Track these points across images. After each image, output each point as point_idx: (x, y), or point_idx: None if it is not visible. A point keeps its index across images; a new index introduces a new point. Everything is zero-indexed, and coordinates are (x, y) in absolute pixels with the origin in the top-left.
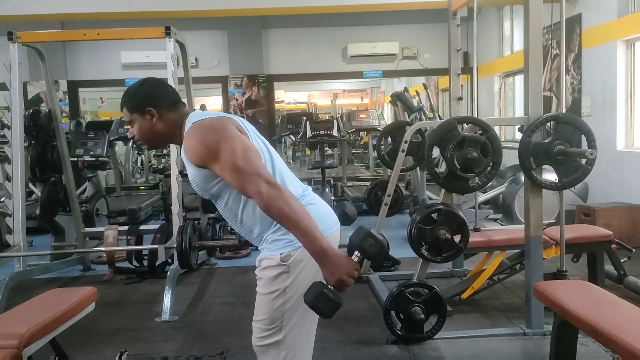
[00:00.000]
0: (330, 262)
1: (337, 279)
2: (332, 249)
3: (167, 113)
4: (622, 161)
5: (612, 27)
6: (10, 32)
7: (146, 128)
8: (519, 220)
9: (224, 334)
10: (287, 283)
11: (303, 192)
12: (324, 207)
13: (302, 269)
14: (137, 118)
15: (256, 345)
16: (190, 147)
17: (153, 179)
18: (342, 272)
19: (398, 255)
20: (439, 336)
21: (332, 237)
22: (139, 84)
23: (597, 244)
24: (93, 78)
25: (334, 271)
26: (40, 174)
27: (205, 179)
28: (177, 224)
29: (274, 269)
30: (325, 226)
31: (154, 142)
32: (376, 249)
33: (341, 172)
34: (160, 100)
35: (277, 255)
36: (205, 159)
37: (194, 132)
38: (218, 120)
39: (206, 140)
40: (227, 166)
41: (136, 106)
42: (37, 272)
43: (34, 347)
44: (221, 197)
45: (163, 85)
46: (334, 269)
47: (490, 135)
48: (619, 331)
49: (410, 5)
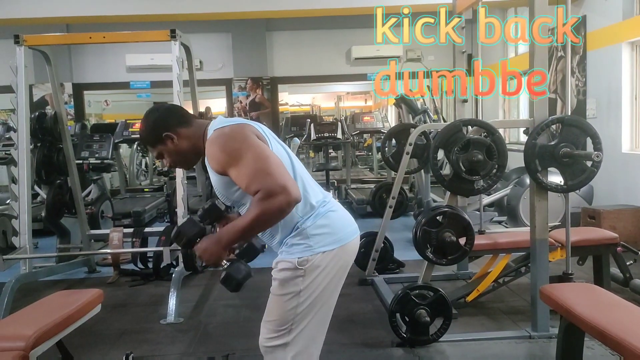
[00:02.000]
0: (213, 244)
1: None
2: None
3: (183, 130)
4: (627, 163)
5: (617, 29)
6: (16, 35)
7: (174, 152)
8: (523, 222)
9: (229, 336)
10: (302, 287)
11: (324, 199)
12: (345, 214)
13: (318, 274)
14: (162, 148)
15: (263, 346)
16: (211, 154)
17: (158, 181)
18: (209, 255)
19: (403, 258)
20: (444, 339)
21: (352, 244)
22: (144, 121)
23: (603, 247)
24: (98, 81)
25: (207, 248)
26: (46, 177)
27: (226, 186)
28: None
29: (290, 272)
30: (344, 234)
31: (186, 161)
32: (240, 276)
33: (345, 175)
34: (170, 123)
35: (295, 258)
36: (226, 166)
37: (216, 140)
38: (239, 127)
39: (227, 147)
40: (245, 173)
41: (154, 138)
42: (43, 274)
43: (41, 349)
44: (243, 204)
45: (165, 109)
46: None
47: (495, 137)
48: (625, 334)
49: (415, 7)
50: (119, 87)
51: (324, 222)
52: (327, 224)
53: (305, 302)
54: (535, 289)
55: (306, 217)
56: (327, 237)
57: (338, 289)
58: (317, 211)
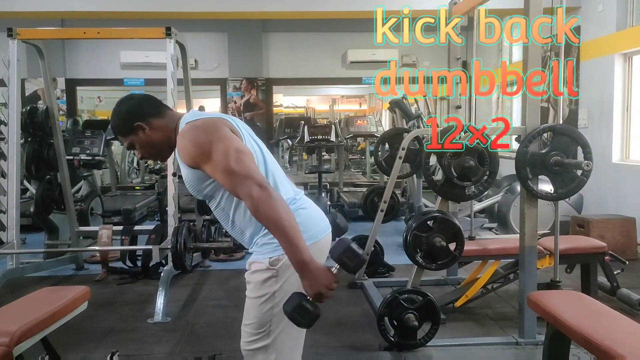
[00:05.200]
0: (310, 274)
1: (316, 292)
2: (313, 261)
3: (155, 121)
4: (617, 173)
5: (611, 40)
6: (10, 29)
7: (145, 143)
8: (513, 229)
9: (216, 336)
10: (276, 287)
11: (295, 196)
12: (316, 211)
13: (291, 273)
14: (133, 138)
15: (244, 349)
16: (183, 148)
17: (149, 179)
18: (321, 285)
19: (393, 262)
20: (432, 344)
21: (323, 241)
22: (116, 108)
23: (591, 256)
24: (91, 77)
25: (313, 284)
26: (36, 172)
27: (198, 180)
28: (172, 225)
29: (262, 273)
30: (315, 231)
31: (158, 153)
32: (355, 263)
33: (338, 178)
34: (143, 112)
35: (267, 259)
36: (198, 160)
37: (187, 133)
38: (211, 121)
39: (198, 140)
40: (219, 167)
41: (126, 128)
42: (30, 270)
43: (25, 346)
44: (214, 198)
45: (138, 98)
46: (313, 281)
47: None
48: (611, 342)
49: (411, 13)
50: (112, 83)
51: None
52: (298, 222)
53: (281, 303)
54: (523, 295)
55: None
56: None
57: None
58: None
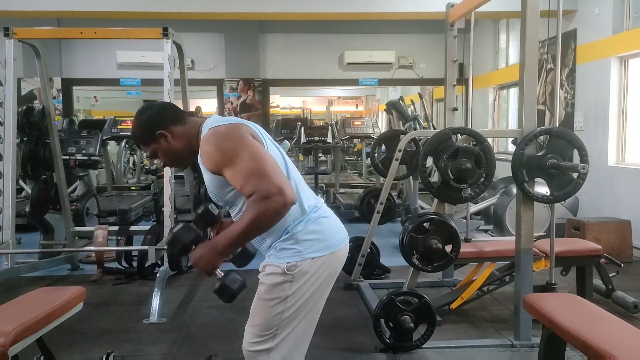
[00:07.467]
0: (208, 252)
1: (196, 263)
2: (218, 251)
3: (176, 128)
4: (613, 176)
5: (607, 43)
6: (6, 28)
7: (167, 151)
8: (509, 232)
9: (212, 337)
10: (289, 292)
11: (316, 204)
12: (336, 221)
13: (306, 280)
14: (155, 147)
15: (247, 350)
16: (206, 153)
17: (145, 179)
18: (204, 265)
19: (389, 264)
20: (428, 346)
21: (341, 252)
22: (137, 118)
23: (587, 258)
24: (88, 76)
25: (202, 258)
26: (32, 171)
27: (220, 186)
28: (168, 226)
29: (278, 277)
30: (334, 241)
31: (180, 160)
32: (235, 287)
33: (334, 179)
34: (163, 120)
35: (284, 263)
36: (221, 166)
37: (210, 139)
38: (235, 127)
39: (222, 146)
40: (242, 174)
41: (147, 137)
42: (25, 270)
43: (20, 346)
44: (235, 205)
45: (158, 107)
46: (204, 258)
47: (484, 146)
48: (607, 345)
49: (408, 15)
50: (108, 83)
51: (315, 227)
52: (318, 230)
53: (292, 308)
54: (518, 298)
55: (297, 221)
56: (318, 244)
57: (325, 296)
58: (308, 216)
